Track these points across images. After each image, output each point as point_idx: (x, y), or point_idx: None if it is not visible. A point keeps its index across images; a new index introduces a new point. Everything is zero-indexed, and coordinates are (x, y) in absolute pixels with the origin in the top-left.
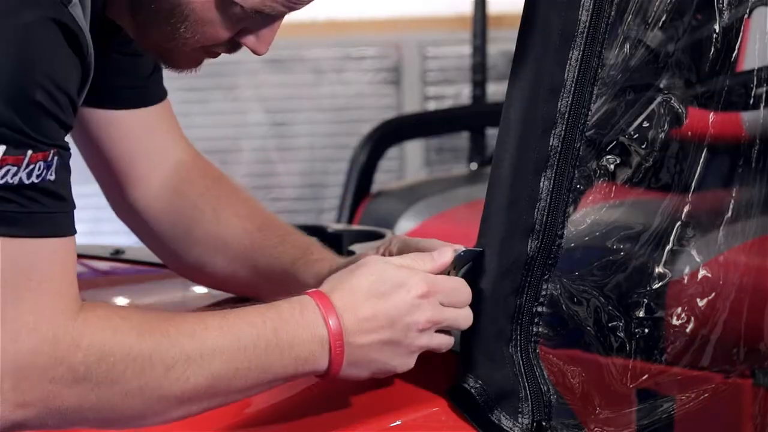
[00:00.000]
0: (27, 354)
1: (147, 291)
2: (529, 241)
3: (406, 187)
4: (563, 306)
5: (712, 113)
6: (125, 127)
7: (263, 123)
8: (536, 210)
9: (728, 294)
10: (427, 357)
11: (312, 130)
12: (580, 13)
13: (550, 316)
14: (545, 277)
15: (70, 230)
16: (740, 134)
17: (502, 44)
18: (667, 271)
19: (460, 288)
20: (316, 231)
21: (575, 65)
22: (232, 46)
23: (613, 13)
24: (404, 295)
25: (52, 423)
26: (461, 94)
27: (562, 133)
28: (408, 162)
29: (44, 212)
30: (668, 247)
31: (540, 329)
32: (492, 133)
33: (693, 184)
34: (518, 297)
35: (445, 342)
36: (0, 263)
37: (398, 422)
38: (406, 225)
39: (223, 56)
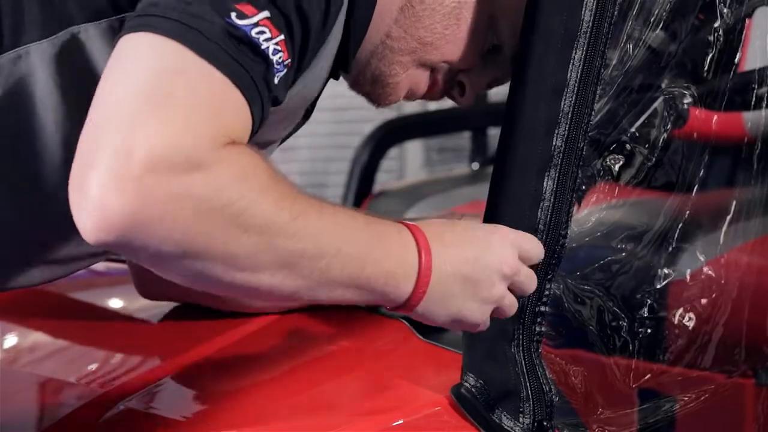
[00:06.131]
0: (169, 151)
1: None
2: None
3: (409, 186)
4: (566, 305)
5: (714, 113)
6: None
7: None
8: (540, 210)
9: (731, 294)
10: (427, 356)
11: (312, 130)
12: (583, 13)
13: (552, 315)
14: (549, 276)
15: (257, 115)
16: (742, 134)
17: None
18: (669, 271)
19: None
20: None
21: (578, 65)
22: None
23: (616, 13)
24: (491, 236)
25: (152, 235)
26: None
27: (566, 133)
28: (408, 162)
29: (252, 75)
30: (671, 247)
31: (543, 329)
32: (494, 132)
33: (695, 184)
34: (521, 296)
35: (515, 305)
36: (190, 83)
37: (400, 421)
38: None
39: None
